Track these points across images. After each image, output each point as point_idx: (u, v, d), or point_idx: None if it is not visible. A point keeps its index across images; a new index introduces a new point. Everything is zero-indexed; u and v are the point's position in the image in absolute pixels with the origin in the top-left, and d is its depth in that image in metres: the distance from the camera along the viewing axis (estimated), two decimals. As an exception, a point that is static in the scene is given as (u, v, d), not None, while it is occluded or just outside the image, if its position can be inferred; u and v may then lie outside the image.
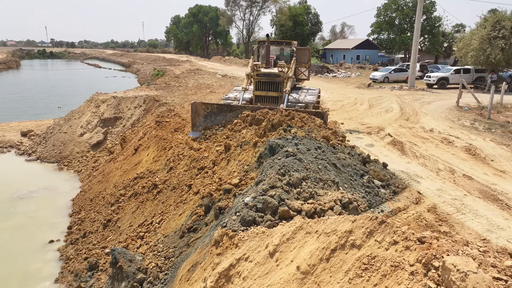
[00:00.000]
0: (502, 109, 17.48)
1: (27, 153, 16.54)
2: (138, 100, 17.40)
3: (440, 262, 2.73)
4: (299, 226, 4.27)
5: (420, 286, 2.69)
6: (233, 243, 4.85)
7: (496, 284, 2.53)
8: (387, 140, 11.06)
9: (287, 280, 3.83)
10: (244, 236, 4.81)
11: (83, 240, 9.05)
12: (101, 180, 12.03)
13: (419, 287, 2.70)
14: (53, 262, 8.61)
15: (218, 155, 8.49)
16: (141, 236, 7.74)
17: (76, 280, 7.71)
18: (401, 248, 3.20)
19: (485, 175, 8.13)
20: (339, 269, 3.49)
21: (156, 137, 11.51)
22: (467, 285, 2.47)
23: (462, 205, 6.38)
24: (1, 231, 9.67)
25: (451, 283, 2.54)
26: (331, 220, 3.96)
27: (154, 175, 9.65)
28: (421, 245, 3.09)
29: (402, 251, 3.17)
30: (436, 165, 8.70)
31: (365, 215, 3.69)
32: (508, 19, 24.60)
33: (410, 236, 3.24)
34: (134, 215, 8.72)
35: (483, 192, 7.00)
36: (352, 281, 3.29)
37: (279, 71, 11.63)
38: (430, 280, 2.68)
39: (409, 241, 3.18)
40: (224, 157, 8.28)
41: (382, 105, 18.25)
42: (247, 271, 4.41)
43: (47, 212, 11.11)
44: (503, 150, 10.43)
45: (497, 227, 5.57)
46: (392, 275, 3.06)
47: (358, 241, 3.54)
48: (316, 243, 3.87)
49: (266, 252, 4.37)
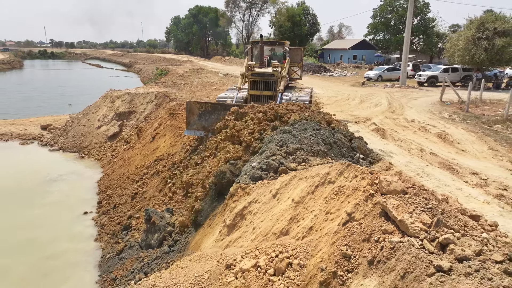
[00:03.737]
0: (481, 103, 19.24)
1: (50, 144, 18.22)
2: (150, 96, 19.10)
3: (378, 179, 4.42)
4: (293, 175, 5.99)
5: (367, 195, 4.38)
6: (246, 192, 6.57)
7: (407, 189, 4.21)
8: (371, 128, 12.80)
9: (285, 209, 5.55)
10: (254, 187, 6.53)
11: (114, 210, 10.76)
12: (123, 164, 13.73)
13: (367, 196, 4.39)
14: (90, 227, 10.31)
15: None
16: (165, 203, 9.45)
17: (113, 238, 9.42)
18: (359, 179, 4.90)
19: (448, 153, 9.87)
20: (320, 197, 5.21)
21: (171, 126, 13.21)
22: (390, 187, 4.17)
23: (423, 172, 8.12)
24: (44, 205, 11.35)
25: (382, 188, 4.24)
26: (315, 167, 5.68)
27: (173, 157, 11.35)
28: (370, 175, 4.78)
29: (359, 180, 4.87)
30: (409, 146, 10.44)
31: (338, 162, 5.41)
32: (491, 21, 26.36)
33: (365, 171, 4.95)
34: (157, 188, 10.42)
35: (442, 164, 8.74)
36: (327, 202, 5.00)
37: (273, 70, 12.08)
38: (372, 189, 4.36)
39: (364, 174, 4.88)
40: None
41: (372, 100, 19.98)
42: (256, 209, 6.13)
43: (77, 191, 12.81)
44: (471, 136, 12.17)
45: (444, 184, 7.29)
46: (353, 194, 4.77)
47: (333, 178, 5.26)
48: (305, 183, 5.59)
49: (270, 195, 6.09)
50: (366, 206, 4.25)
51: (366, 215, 4.17)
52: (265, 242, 5.40)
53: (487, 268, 3.03)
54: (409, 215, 3.73)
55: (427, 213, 3.78)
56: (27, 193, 12.28)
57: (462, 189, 7.07)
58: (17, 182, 13.14)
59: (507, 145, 11.07)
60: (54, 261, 8.30)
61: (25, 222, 10.26)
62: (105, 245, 9.31)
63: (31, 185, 13.01)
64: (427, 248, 3.40)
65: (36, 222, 10.33)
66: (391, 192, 4.26)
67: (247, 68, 12.49)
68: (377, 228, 3.92)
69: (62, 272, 7.94)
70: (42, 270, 7.96)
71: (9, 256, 8.48)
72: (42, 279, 7.71)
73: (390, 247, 3.57)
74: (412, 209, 3.82)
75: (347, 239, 4.09)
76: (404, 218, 3.70)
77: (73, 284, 7.60)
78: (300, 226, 5.13)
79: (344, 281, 3.79)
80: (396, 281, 3.24)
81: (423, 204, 3.91)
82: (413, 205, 3.89)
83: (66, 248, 8.97)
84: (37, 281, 7.64)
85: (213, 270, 5.39)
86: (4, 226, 9.95)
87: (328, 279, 3.90)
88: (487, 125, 14.20)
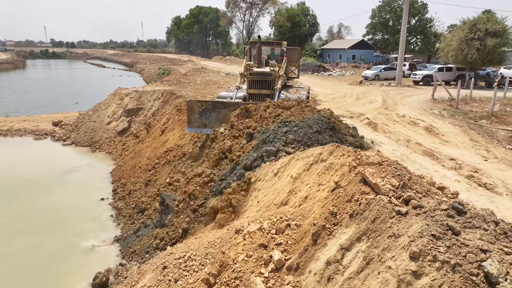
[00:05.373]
0: (470, 101, 20.28)
1: (62, 139, 19.27)
2: (157, 94, 20.14)
3: (360, 155, 5.47)
4: (292, 157, 7.04)
5: (351, 168, 5.42)
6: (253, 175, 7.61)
7: (383, 162, 5.24)
8: (365, 122, 13.85)
9: (285, 185, 6.59)
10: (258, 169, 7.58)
11: (129, 196, 11.81)
12: (134, 156, 14.77)
13: (351, 168, 5.42)
14: (108, 211, 11.34)
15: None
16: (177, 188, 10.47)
17: (130, 219, 10.47)
18: (346, 157, 5.94)
19: (432, 143, 10.92)
20: (314, 172, 6.25)
21: (179, 120, 14.24)
22: (369, 160, 5.21)
23: (407, 158, 9.16)
24: (63, 193, 12.40)
25: (363, 161, 5.28)
26: (310, 149, 6.74)
27: (182, 148, 12.39)
28: (354, 153, 5.81)
29: (346, 158, 5.91)
30: (397, 137, 11.49)
31: (329, 144, 6.46)
32: (483, 22, 27.41)
33: (350, 150, 5.99)
34: (169, 175, 11.46)
35: (425, 152, 9.79)
36: (320, 176, 6.05)
37: (271, 70, 12.57)
38: (355, 163, 5.39)
39: (349, 152, 5.92)
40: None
41: (368, 98, 21.03)
42: (260, 186, 7.18)
43: (92, 180, 13.85)
44: (456, 129, 13.22)
45: (424, 167, 8.34)
46: (340, 169, 5.80)
47: (325, 157, 6.31)
48: (301, 163, 6.63)
49: (272, 174, 7.14)
50: (349, 176, 5.30)
51: (349, 182, 5.21)
52: (268, 212, 6.45)
53: (434, 213, 4.06)
54: (382, 179, 4.77)
55: (396, 178, 4.82)
56: (46, 183, 13.32)
57: (438, 171, 8.12)
58: (36, 173, 14.17)
59: (487, 137, 12.12)
60: (80, 237, 9.34)
61: (49, 207, 11.30)
62: (123, 225, 10.35)
63: (49, 176, 14.05)
64: (393, 202, 4.43)
65: (58, 207, 11.37)
66: (370, 164, 5.32)
67: (246, 68, 13.03)
68: (357, 191, 4.95)
69: (89, 247, 8.99)
70: (72, 245, 9.01)
71: (41, 235, 9.53)
72: (72, 252, 8.76)
73: (365, 203, 4.61)
74: (384, 175, 4.86)
75: (334, 201, 5.13)
76: (377, 182, 4.74)
77: (100, 256, 8.64)
78: (297, 196, 6.17)
79: (331, 232, 4.83)
80: (368, 225, 4.29)
81: (393, 172, 4.95)
82: (385, 172, 4.93)
83: (89, 227, 10.02)
84: (68, 254, 8.70)
85: (224, 235, 6.43)
86: (31, 211, 11.00)
87: (319, 231, 4.94)
88: (473, 120, 15.24)
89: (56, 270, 8.22)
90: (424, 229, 3.58)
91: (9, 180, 13.30)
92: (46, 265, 8.42)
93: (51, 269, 8.28)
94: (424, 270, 3.25)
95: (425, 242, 3.42)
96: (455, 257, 3.20)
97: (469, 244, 3.33)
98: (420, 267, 3.29)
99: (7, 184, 12.84)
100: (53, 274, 8.11)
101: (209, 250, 6.31)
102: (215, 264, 5.54)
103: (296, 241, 5.29)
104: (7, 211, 10.93)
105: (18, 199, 11.78)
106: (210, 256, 6.15)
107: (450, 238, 3.43)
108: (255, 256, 5.36)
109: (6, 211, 10.93)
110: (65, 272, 8.11)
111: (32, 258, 8.59)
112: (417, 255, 3.36)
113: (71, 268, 8.24)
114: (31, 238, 9.30)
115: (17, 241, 9.15)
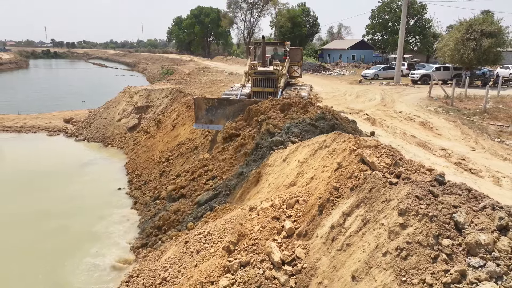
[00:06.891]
0: (465, 99, 21.19)
1: (75, 135, 20.15)
2: (165, 92, 21.03)
3: (359, 140, 6.37)
4: (298, 145, 7.94)
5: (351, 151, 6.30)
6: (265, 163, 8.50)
7: (378, 145, 6.13)
8: (364, 117, 14.74)
9: (293, 168, 7.48)
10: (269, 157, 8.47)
11: (144, 186, 12.69)
12: (146, 150, 15.66)
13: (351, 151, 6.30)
14: (125, 199, 12.23)
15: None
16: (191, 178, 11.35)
17: (147, 206, 11.35)
18: (347, 142, 6.82)
19: (426, 136, 11.82)
20: (318, 157, 7.14)
21: (189, 116, 15.12)
22: (366, 143, 6.10)
23: (402, 148, 10.05)
24: (82, 183, 13.29)
25: (361, 144, 6.18)
26: (315, 137, 7.64)
27: (193, 141, 13.28)
28: (354, 139, 6.70)
29: (347, 143, 6.80)
30: (394, 131, 12.39)
31: (332, 132, 7.36)
32: (479, 23, 28.31)
33: (351, 136, 6.88)
34: (182, 167, 12.34)
35: (419, 143, 10.68)
36: (324, 160, 6.94)
37: (274, 69, 13.21)
38: (354, 146, 6.29)
39: (350, 138, 6.81)
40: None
41: (367, 96, 21.93)
42: (271, 171, 8.06)
43: (108, 172, 14.74)
44: (449, 124, 14.11)
45: (417, 156, 9.22)
46: (341, 153, 6.69)
47: (328, 143, 7.20)
48: (307, 149, 7.53)
49: (281, 160, 8.03)
50: (350, 157, 6.19)
51: (350, 163, 6.10)
52: (278, 192, 7.34)
53: (420, 183, 4.95)
54: (377, 158, 5.66)
55: (389, 158, 5.72)
56: (65, 174, 14.21)
57: (430, 159, 9.02)
58: (54, 166, 15.06)
59: (478, 131, 13.02)
60: (104, 221, 10.23)
61: (71, 195, 12.18)
62: (140, 211, 11.23)
63: (67, 168, 14.95)
64: (386, 176, 5.32)
65: (79, 194, 12.25)
66: (367, 146, 6.21)
67: (250, 67, 13.66)
68: (357, 169, 5.84)
69: (112, 229, 9.87)
70: (97, 226, 9.89)
71: (67, 218, 10.41)
72: (98, 232, 9.65)
73: (363, 178, 5.49)
74: (379, 155, 5.76)
75: (337, 178, 6.02)
76: (373, 160, 5.63)
77: (122, 236, 9.53)
78: (304, 178, 7.06)
79: (334, 203, 5.71)
80: (366, 194, 5.17)
81: (387, 153, 5.85)
82: (380, 153, 5.83)
83: (110, 212, 10.90)
84: (95, 234, 9.58)
85: (238, 213, 7.32)
86: (55, 197, 11.89)
87: (324, 203, 5.82)
88: (467, 116, 16.15)
89: (83, 250, 9.09)
90: (409, 192, 4.48)
91: (30, 171, 14.20)
92: (74, 245, 9.29)
93: (79, 249, 9.15)
94: (409, 222, 4.15)
95: (410, 201, 4.31)
96: (433, 211, 4.09)
97: (444, 202, 4.23)
98: (406, 220, 4.18)
99: (29, 175, 13.75)
100: (81, 254, 8.97)
101: (226, 226, 7.20)
102: (234, 234, 6.43)
103: (304, 213, 6.17)
104: (35, 198, 11.80)
105: (42, 188, 12.68)
106: (227, 231, 7.04)
107: (430, 199, 4.32)
108: (269, 226, 6.24)
109: (35, 198, 11.80)
110: (92, 253, 8.93)
111: (62, 238, 9.48)
112: (404, 211, 4.26)
113: (97, 247, 9.11)
114: (59, 221, 10.18)
115: (48, 223, 10.04)
